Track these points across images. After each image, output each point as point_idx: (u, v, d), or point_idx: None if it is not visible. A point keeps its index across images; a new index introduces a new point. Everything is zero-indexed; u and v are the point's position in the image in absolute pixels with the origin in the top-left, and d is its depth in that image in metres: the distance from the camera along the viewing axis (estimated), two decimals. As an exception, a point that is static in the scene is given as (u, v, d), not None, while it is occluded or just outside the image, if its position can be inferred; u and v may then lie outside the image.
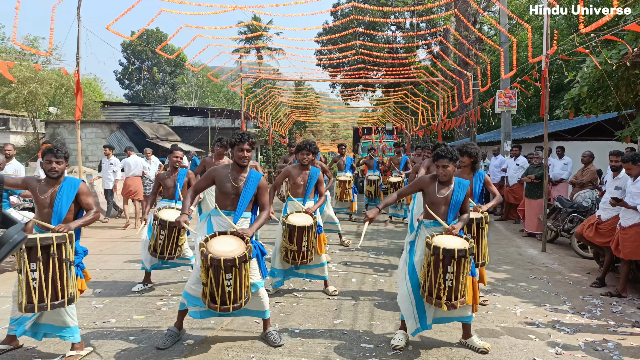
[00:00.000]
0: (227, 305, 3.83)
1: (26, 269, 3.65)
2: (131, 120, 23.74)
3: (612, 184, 6.16)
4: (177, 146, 6.28)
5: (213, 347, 4.20)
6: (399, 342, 4.16)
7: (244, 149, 4.21)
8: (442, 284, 3.84)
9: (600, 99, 9.42)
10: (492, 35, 22.83)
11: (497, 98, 12.48)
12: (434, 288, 3.89)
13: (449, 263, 3.81)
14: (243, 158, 4.23)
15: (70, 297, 3.87)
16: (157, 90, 55.43)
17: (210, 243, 3.90)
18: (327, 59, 27.18)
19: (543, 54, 8.80)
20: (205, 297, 3.85)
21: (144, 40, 51.10)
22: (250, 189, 4.25)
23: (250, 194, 4.25)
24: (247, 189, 4.24)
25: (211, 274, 3.76)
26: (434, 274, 3.87)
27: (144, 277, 6.03)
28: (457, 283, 3.86)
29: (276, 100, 26.59)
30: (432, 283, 3.89)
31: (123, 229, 10.65)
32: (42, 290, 3.69)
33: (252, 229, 4.15)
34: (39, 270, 3.67)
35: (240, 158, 4.23)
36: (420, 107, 21.72)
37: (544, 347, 4.26)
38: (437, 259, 3.83)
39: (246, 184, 4.26)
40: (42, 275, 3.68)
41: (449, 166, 4.07)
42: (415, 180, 4.38)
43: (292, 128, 36.54)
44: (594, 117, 11.08)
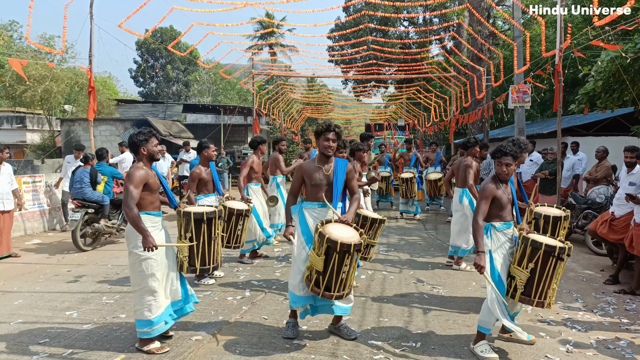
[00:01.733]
0: (331, 292, 3.89)
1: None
2: (145, 118, 23.96)
3: (626, 180, 6.04)
4: (208, 142, 6.47)
5: (221, 342, 4.22)
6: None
7: (330, 139, 4.21)
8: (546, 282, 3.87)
9: (616, 94, 9.24)
10: (506, 30, 22.53)
11: (510, 93, 12.31)
12: (541, 287, 3.86)
13: (547, 259, 3.79)
14: (329, 148, 4.22)
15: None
16: (170, 87, 55.84)
17: (328, 229, 3.90)
18: (339, 55, 27.09)
19: (557, 48, 8.65)
20: (310, 281, 3.94)
21: (158, 38, 51.48)
22: (340, 176, 4.31)
23: (342, 181, 4.33)
24: (338, 178, 4.30)
25: (335, 259, 3.78)
26: (539, 270, 3.83)
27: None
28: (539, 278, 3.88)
29: (288, 97, 26.60)
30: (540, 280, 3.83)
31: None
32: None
33: (351, 215, 4.22)
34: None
35: (326, 148, 4.22)
36: (432, 103, 21.56)
37: (554, 345, 4.20)
38: (533, 252, 3.83)
39: (335, 172, 4.30)
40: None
41: (512, 164, 4.01)
42: (485, 193, 4.01)
43: (304, 125, 36.54)
44: (609, 112, 10.89)
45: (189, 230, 4.61)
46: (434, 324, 4.66)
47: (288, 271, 6.22)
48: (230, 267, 6.88)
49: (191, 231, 4.60)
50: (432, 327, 4.59)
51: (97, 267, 6.94)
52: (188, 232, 4.61)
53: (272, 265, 7.06)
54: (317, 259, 3.83)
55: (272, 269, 6.82)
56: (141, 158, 4.12)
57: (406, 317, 4.86)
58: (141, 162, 4.11)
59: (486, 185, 4.04)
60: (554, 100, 8.77)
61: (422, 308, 5.15)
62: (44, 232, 9.93)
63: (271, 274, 6.51)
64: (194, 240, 4.59)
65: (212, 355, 3.96)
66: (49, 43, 27.96)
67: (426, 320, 4.78)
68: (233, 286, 5.95)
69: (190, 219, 4.61)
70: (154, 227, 4.08)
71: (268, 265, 7.01)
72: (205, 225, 4.65)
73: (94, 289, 5.84)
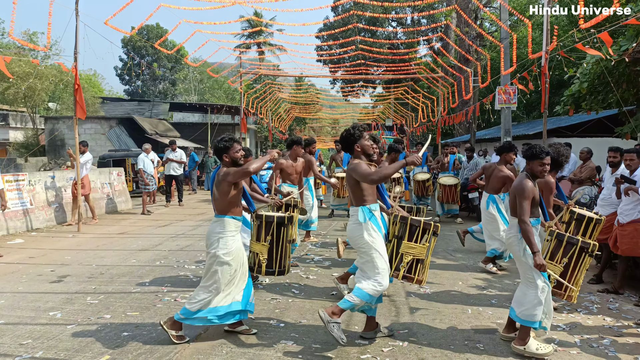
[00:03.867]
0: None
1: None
2: (130, 116, 23.72)
3: (610, 180, 6.12)
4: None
5: (207, 343, 4.18)
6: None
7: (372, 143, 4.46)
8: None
9: (601, 96, 9.39)
10: (493, 31, 22.74)
11: (497, 94, 12.42)
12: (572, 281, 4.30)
13: (580, 255, 4.23)
14: (372, 148, 4.40)
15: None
16: (156, 86, 55.37)
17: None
18: (327, 55, 27.10)
19: (543, 50, 8.75)
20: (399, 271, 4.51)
21: (144, 35, 51.00)
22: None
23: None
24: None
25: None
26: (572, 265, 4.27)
27: None
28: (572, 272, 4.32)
29: (276, 97, 26.55)
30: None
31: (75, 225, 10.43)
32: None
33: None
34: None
35: (370, 147, 4.35)
36: (420, 104, 21.67)
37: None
38: (568, 247, 4.30)
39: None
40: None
41: (549, 164, 4.12)
42: (527, 192, 3.99)
43: (292, 124, 36.50)
44: (594, 114, 11.04)
45: (270, 234, 4.90)
46: (420, 323, 4.67)
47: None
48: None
49: (272, 234, 4.90)
50: (419, 326, 4.60)
51: (81, 267, 6.85)
52: (269, 236, 4.89)
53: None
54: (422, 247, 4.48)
55: (260, 268, 6.78)
56: (226, 164, 4.20)
57: (393, 317, 4.86)
58: (225, 168, 4.18)
59: (527, 185, 4.01)
60: (540, 102, 8.86)
61: (409, 307, 5.16)
62: (27, 231, 9.77)
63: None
64: (274, 243, 4.91)
65: (198, 355, 3.93)
66: (31, 39, 27.51)
67: (412, 319, 4.80)
68: (220, 286, 5.91)
69: (272, 223, 4.91)
70: (236, 231, 4.22)
71: (255, 265, 6.97)
72: (285, 229, 4.97)
73: (78, 289, 5.76)
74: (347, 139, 4.20)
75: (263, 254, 4.72)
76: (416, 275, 4.53)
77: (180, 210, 13.18)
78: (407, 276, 4.56)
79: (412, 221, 4.49)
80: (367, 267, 4.09)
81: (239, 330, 4.38)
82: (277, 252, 4.91)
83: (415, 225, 4.49)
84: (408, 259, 4.47)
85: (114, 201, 12.81)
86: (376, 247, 4.06)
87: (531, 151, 4.11)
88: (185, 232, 9.67)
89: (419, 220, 4.49)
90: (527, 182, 4.02)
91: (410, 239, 4.50)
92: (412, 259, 4.49)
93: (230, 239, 4.12)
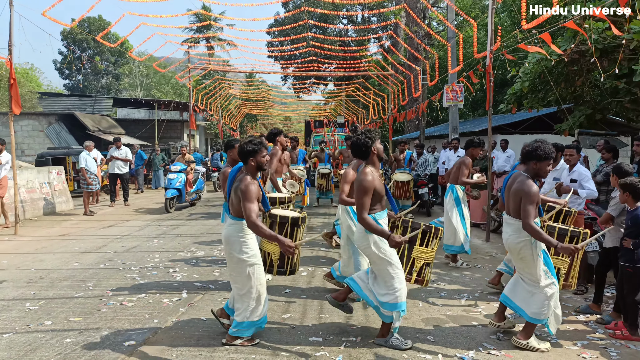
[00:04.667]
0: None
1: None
2: (71, 112, 22.58)
3: (550, 175, 6.40)
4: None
5: (156, 347, 4.03)
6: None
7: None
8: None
9: (541, 94, 9.81)
10: (441, 31, 23.34)
11: (444, 92, 12.76)
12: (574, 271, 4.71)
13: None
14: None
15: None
16: (99, 80, 53.07)
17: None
18: (278, 51, 26.92)
19: (487, 50, 9.04)
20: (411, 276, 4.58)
21: (86, 28, 48.74)
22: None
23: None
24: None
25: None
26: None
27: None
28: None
29: (226, 93, 26.10)
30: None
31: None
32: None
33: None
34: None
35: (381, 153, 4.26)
36: (371, 101, 21.94)
37: (486, 334, 4.37)
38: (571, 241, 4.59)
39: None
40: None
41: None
42: (535, 197, 3.91)
43: (243, 121, 36.03)
44: (535, 112, 11.54)
45: (284, 234, 4.84)
46: (373, 318, 4.71)
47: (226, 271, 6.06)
48: (166, 268, 6.62)
49: (286, 234, 4.84)
50: (371, 321, 4.63)
51: (19, 272, 6.44)
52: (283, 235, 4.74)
53: (211, 265, 6.86)
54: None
55: (211, 268, 6.63)
56: (249, 169, 3.99)
57: (346, 313, 4.87)
58: (249, 175, 3.95)
59: (533, 189, 3.91)
60: (485, 100, 9.17)
61: (361, 302, 5.19)
62: (-44, 234, 9.09)
63: (209, 275, 6.33)
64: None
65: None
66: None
67: (366, 315, 4.83)
68: (169, 288, 5.72)
69: (287, 222, 4.88)
70: (252, 234, 4.01)
71: (207, 265, 6.81)
72: (298, 229, 4.96)
73: (16, 295, 5.41)
74: (241, 153, 3.98)
75: (275, 254, 4.70)
76: (425, 277, 4.62)
77: (125, 210, 12.69)
78: (417, 279, 4.64)
79: (426, 227, 4.53)
80: (382, 274, 4.04)
81: (226, 323, 4.27)
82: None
83: (427, 231, 4.52)
84: (420, 263, 4.56)
85: (53, 202, 12.16)
86: (387, 257, 3.98)
87: (543, 151, 3.94)
88: (131, 232, 9.31)
89: (431, 227, 4.54)
90: (534, 186, 3.93)
91: (422, 244, 4.55)
92: (423, 263, 4.58)
93: (250, 240, 3.98)
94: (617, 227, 4.75)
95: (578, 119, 9.68)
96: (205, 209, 12.89)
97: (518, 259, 4.13)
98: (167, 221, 10.67)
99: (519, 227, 3.99)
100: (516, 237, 4.06)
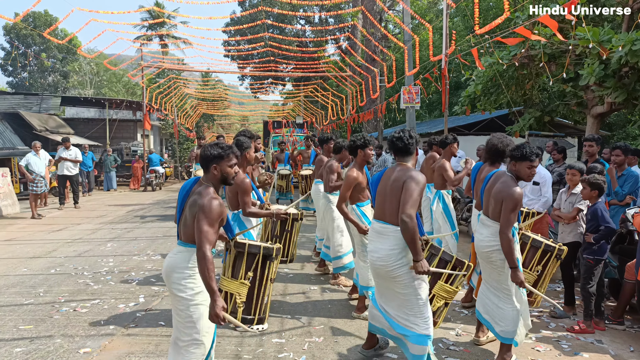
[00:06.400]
0: None
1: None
2: (16, 111, 21.46)
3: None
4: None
5: (113, 353, 3.88)
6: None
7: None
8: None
9: (493, 97, 10.17)
10: (397, 34, 23.77)
11: (402, 94, 12.98)
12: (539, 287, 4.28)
13: (549, 261, 4.22)
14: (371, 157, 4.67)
15: None
16: (45, 78, 50.72)
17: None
18: (235, 51, 26.61)
19: (443, 53, 9.28)
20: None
21: (30, 23, 46.48)
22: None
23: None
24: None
25: None
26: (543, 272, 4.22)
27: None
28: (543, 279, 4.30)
29: (182, 92, 25.55)
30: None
31: None
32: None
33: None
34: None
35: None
36: (330, 102, 22.05)
37: (445, 331, 4.47)
38: (543, 255, 4.17)
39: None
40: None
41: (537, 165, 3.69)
42: (516, 203, 3.50)
43: (199, 121, 35.41)
44: (487, 114, 11.94)
45: (252, 269, 3.94)
46: (336, 318, 4.72)
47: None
48: (121, 273, 6.39)
49: (255, 269, 3.96)
50: (334, 321, 4.64)
51: (-42, 280, 6.05)
52: (250, 271, 3.95)
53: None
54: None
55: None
56: (212, 178, 3.01)
57: (309, 312, 4.87)
58: (211, 187, 2.97)
59: (517, 195, 3.50)
60: (440, 102, 9.40)
61: (324, 301, 5.19)
62: None
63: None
64: (256, 282, 3.91)
65: (104, 369, 3.63)
66: None
67: (329, 314, 4.83)
68: (124, 292, 5.53)
69: (258, 255, 3.94)
70: None
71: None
72: (271, 263, 4.03)
73: (-44, 305, 5.08)
74: (203, 158, 3.08)
75: (241, 295, 3.84)
76: (440, 319, 3.83)
77: (76, 212, 12.18)
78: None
79: (457, 262, 3.69)
80: (409, 300, 3.43)
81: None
82: (259, 292, 4.00)
83: (457, 266, 3.67)
84: (440, 302, 3.72)
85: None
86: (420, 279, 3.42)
87: (521, 152, 3.65)
88: (82, 236, 8.94)
89: (463, 262, 3.71)
90: (518, 191, 3.52)
91: (447, 280, 3.74)
92: (443, 302, 3.75)
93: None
94: (575, 223, 4.91)
95: (528, 121, 10.10)
96: (161, 210, 12.56)
97: (487, 262, 3.77)
98: (121, 224, 10.31)
99: (497, 231, 3.60)
100: (492, 240, 3.67)
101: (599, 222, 4.47)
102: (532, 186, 5.83)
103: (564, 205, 5.05)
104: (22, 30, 46.47)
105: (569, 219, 4.88)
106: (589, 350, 4.08)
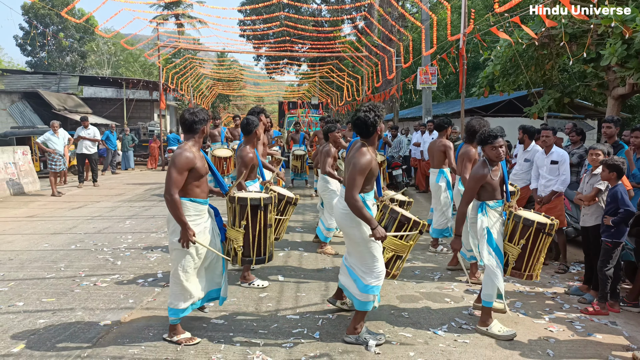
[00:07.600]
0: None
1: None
2: (35, 90, 21.78)
3: (522, 157, 6.58)
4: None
5: (132, 326, 4.01)
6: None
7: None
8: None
9: (512, 78, 10.00)
10: (415, 13, 23.37)
11: (418, 75, 12.84)
12: (531, 261, 4.09)
13: (538, 236, 4.03)
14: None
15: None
16: (64, 58, 51.14)
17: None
18: (251, 30, 26.47)
19: (461, 33, 9.12)
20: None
21: (48, 2, 46.71)
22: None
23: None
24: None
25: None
26: (530, 246, 4.05)
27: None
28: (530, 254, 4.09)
29: (197, 72, 25.59)
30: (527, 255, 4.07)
31: None
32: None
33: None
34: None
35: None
36: (345, 82, 21.90)
37: (458, 309, 4.51)
38: (525, 229, 4.03)
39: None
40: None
41: (504, 146, 4.02)
42: (473, 182, 4.02)
43: (215, 101, 35.50)
44: (506, 95, 11.77)
45: (245, 218, 4.26)
46: (350, 296, 4.79)
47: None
48: (139, 249, 6.54)
49: (247, 219, 4.27)
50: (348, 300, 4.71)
51: (-16, 254, 6.25)
52: (243, 220, 4.26)
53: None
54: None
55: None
56: (191, 138, 3.72)
57: (323, 291, 4.94)
58: (190, 142, 3.69)
59: (476, 174, 4.02)
60: (458, 83, 9.28)
61: (339, 281, 5.26)
62: None
63: (185, 254, 6.28)
64: (249, 229, 4.27)
65: (123, 339, 3.75)
66: None
67: (343, 293, 4.90)
68: (143, 268, 5.67)
69: (246, 206, 4.26)
70: (198, 215, 3.72)
71: (181, 245, 6.75)
72: (261, 212, 4.34)
73: (-18, 277, 5.26)
74: (184, 122, 3.75)
75: (238, 240, 4.25)
76: (393, 270, 4.14)
77: (95, 191, 12.41)
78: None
79: (403, 218, 4.03)
80: (363, 255, 3.80)
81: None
82: (255, 238, 4.32)
83: (404, 222, 4.04)
84: (389, 254, 4.06)
85: (19, 182, 11.78)
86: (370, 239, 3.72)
87: (480, 137, 4.09)
88: (102, 213, 9.13)
89: (409, 219, 4.04)
90: (479, 172, 4.01)
91: (401, 237, 4.08)
92: (393, 255, 4.10)
93: (191, 222, 3.62)
94: (597, 206, 4.85)
95: (547, 102, 9.92)
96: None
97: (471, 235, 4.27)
98: (139, 202, 10.49)
99: (475, 206, 4.17)
100: (471, 213, 4.23)
101: (619, 204, 4.42)
102: (550, 166, 5.79)
103: (585, 188, 4.99)
104: (40, 10, 46.74)
105: (589, 199, 4.82)
106: (602, 332, 4.09)
